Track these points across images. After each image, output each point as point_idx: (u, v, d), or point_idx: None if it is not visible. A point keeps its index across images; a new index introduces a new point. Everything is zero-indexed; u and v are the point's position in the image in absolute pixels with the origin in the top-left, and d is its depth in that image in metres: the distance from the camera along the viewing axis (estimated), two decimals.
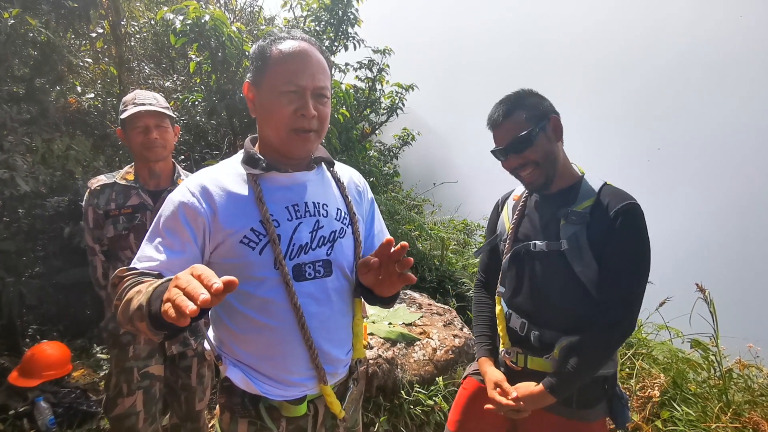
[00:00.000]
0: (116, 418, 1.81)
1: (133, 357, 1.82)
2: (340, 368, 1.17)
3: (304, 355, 1.08)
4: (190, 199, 1.02)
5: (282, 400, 1.09)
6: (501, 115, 1.41)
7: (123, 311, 0.88)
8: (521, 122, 1.38)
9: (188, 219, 1.00)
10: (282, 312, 1.05)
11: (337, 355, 1.14)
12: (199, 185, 1.05)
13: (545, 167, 1.39)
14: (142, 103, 1.79)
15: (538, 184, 1.41)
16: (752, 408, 2.59)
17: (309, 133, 1.07)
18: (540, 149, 1.37)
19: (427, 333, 2.96)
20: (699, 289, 2.96)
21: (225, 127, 4.28)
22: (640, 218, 1.30)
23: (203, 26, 3.27)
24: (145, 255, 0.99)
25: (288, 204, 1.08)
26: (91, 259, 1.88)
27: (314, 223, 1.10)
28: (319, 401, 1.15)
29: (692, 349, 3.21)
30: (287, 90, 1.03)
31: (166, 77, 4.91)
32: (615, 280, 1.30)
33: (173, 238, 0.99)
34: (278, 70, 1.04)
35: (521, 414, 1.37)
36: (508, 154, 1.41)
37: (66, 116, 3.71)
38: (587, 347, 1.31)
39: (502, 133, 1.41)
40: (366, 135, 5.47)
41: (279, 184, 1.10)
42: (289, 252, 1.05)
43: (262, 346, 1.07)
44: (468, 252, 6.43)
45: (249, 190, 1.06)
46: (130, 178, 1.87)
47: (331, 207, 1.15)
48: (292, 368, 1.08)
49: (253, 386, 1.07)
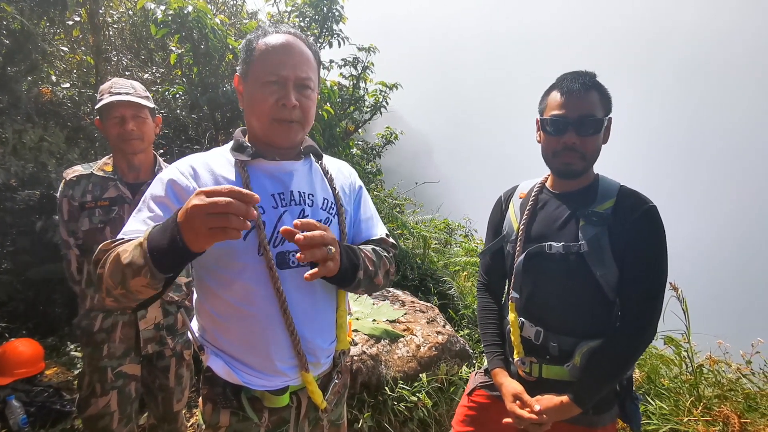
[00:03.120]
0: (89, 419, 1.76)
1: (107, 356, 1.76)
2: (323, 358, 1.16)
3: (286, 342, 1.07)
4: (179, 177, 1.04)
5: (264, 390, 1.09)
6: (584, 85, 1.29)
7: (112, 270, 0.87)
8: (596, 103, 1.29)
9: (177, 195, 1.01)
10: (264, 299, 1.04)
11: (320, 343, 1.14)
12: (189, 166, 1.07)
13: (588, 161, 1.33)
14: (118, 92, 1.72)
15: (573, 171, 1.34)
16: (722, 402, 2.69)
17: (291, 123, 1.09)
18: (597, 142, 1.32)
19: (410, 330, 2.97)
20: (672, 287, 3.05)
21: (207, 121, 4.20)
22: (660, 222, 1.28)
23: (186, 17, 3.20)
24: (132, 228, 0.98)
25: (274, 191, 1.09)
26: (65, 252, 1.81)
27: (299, 212, 1.10)
28: (302, 393, 1.15)
29: (665, 345, 3.31)
30: (269, 80, 1.05)
31: (145, 69, 4.79)
32: (638, 284, 1.26)
33: (163, 211, 0.99)
34: (262, 62, 1.06)
35: (543, 427, 1.28)
36: (572, 127, 1.29)
37: (39, 107, 3.58)
38: (613, 353, 1.26)
39: (576, 103, 1.29)
40: (349, 133, 5.45)
41: (266, 172, 1.11)
42: (274, 239, 1.05)
43: (244, 333, 1.07)
44: (449, 251, 6.49)
45: (236, 175, 1.07)
46: (108, 170, 1.81)
47: (318, 197, 1.15)
48: (273, 356, 1.07)
49: (234, 376, 1.07)
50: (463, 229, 7.86)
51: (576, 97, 1.29)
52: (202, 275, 1.09)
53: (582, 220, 1.31)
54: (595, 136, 1.30)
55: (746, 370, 3.03)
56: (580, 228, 1.30)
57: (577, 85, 1.29)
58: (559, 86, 1.34)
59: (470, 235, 7.70)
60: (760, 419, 2.54)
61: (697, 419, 2.51)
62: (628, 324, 1.28)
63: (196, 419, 2.69)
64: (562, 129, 1.31)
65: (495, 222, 1.60)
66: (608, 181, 1.38)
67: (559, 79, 1.36)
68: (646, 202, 1.29)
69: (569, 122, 1.29)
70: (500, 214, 1.58)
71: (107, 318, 1.77)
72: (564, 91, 1.31)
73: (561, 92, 1.32)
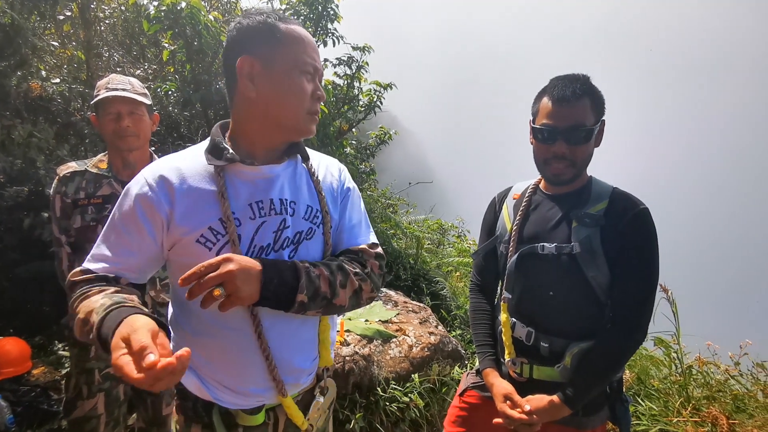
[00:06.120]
0: (76, 421, 1.73)
1: (94, 357, 1.73)
2: (303, 378, 1.08)
3: (261, 366, 1.00)
4: (147, 192, 0.95)
5: (237, 409, 1.02)
6: (574, 93, 1.27)
7: (78, 329, 0.84)
8: (587, 111, 1.28)
9: (145, 214, 0.94)
10: (238, 318, 0.97)
11: (300, 364, 1.05)
12: (157, 175, 0.97)
13: (578, 168, 1.33)
14: (114, 89, 1.70)
15: (563, 180, 1.34)
16: (710, 403, 2.72)
17: (316, 115, 1.04)
18: (588, 150, 1.31)
19: (403, 330, 2.97)
20: (663, 289, 3.07)
21: (199, 119, 4.17)
22: (652, 225, 1.28)
23: (179, 13, 3.18)
24: (100, 254, 0.94)
25: (252, 201, 0.99)
26: (56, 250, 1.78)
27: (280, 222, 1.00)
28: (279, 409, 1.07)
29: (655, 346, 3.35)
30: (306, 70, 0.99)
31: (137, 65, 4.74)
32: (629, 285, 1.26)
33: (129, 236, 0.95)
34: (296, 48, 0.99)
35: (533, 428, 1.27)
36: (562, 137, 1.28)
37: (28, 102, 3.52)
38: (603, 355, 1.26)
39: (566, 113, 1.27)
40: (343, 132, 5.44)
41: (244, 178, 1.00)
42: (250, 253, 0.97)
43: (217, 351, 1.00)
44: (442, 251, 6.50)
45: (211, 183, 0.97)
46: (103, 167, 1.78)
47: (300, 205, 1.05)
48: (247, 379, 1.00)
49: (205, 392, 1.01)
50: (456, 229, 7.90)
51: (567, 106, 1.27)
52: (176, 288, 1.03)
53: (575, 222, 1.31)
54: (586, 144, 1.30)
55: (734, 372, 3.07)
56: (573, 229, 1.30)
57: (568, 93, 1.27)
58: (550, 93, 1.32)
59: (463, 235, 7.73)
60: (748, 420, 2.58)
61: (686, 420, 2.54)
62: (619, 325, 1.28)
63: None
64: (552, 138, 1.30)
65: (489, 222, 1.60)
66: (601, 183, 1.38)
67: (551, 84, 1.34)
68: (638, 204, 1.29)
69: (559, 132, 1.29)
70: (494, 215, 1.58)
71: None
72: (555, 99, 1.29)
73: (552, 100, 1.30)
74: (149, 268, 1.01)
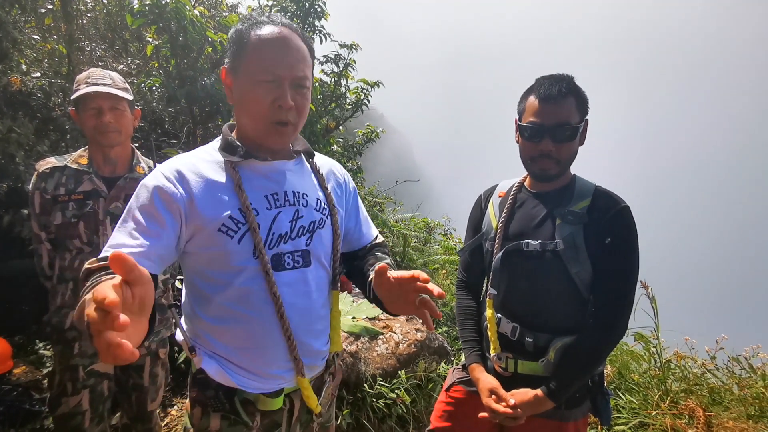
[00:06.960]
0: (61, 418, 1.71)
1: (78, 354, 1.72)
2: (318, 360, 1.14)
3: (282, 347, 1.05)
4: (165, 183, 0.97)
5: (258, 393, 1.06)
6: (560, 91, 1.30)
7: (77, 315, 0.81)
8: (573, 109, 1.31)
9: (164, 204, 0.95)
10: (260, 302, 1.01)
11: (317, 346, 1.12)
12: (174, 170, 1.00)
13: (563, 166, 1.36)
14: (95, 83, 1.66)
15: (549, 175, 1.37)
16: (688, 396, 2.80)
17: (286, 126, 1.02)
18: (572, 148, 1.34)
19: (390, 327, 2.98)
20: (643, 286, 3.15)
21: (184, 115, 4.12)
22: (633, 222, 1.32)
23: (164, 8, 3.13)
24: (117, 242, 0.91)
25: (267, 192, 1.05)
26: (36, 247, 1.75)
27: (294, 213, 1.07)
28: (296, 395, 1.12)
29: (635, 342, 3.42)
30: (264, 79, 0.98)
31: (120, 59, 4.66)
32: (610, 281, 1.30)
33: (149, 223, 0.93)
34: (256, 57, 0.99)
35: (518, 421, 1.31)
36: (548, 135, 1.32)
37: (8, 96, 3.43)
38: (585, 349, 1.30)
39: (552, 111, 1.31)
40: (330, 130, 5.43)
41: (258, 173, 1.06)
42: (269, 241, 1.02)
43: (240, 337, 1.03)
44: (428, 249, 6.54)
45: (227, 177, 1.02)
46: (84, 163, 1.75)
47: (311, 197, 1.12)
48: (270, 360, 1.05)
49: (229, 378, 1.03)
50: (443, 227, 7.95)
51: (553, 104, 1.31)
52: (193, 279, 1.05)
53: (558, 219, 1.34)
54: (571, 142, 1.33)
55: (711, 365, 3.17)
56: (557, 227, 1.33)
57: (554, 92, 1.31)
58: (536, 92, 1.35)
59: (449, 233, 7.78)
60: (723, 412, 2.66)
61: (664, 413, 2.61)
62: (600, 321, 1.31)
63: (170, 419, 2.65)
64: (539, 136, 1.33)
65: (475, 220, 1.62)
66: (584, 181, 1.42)
67: (537, 83, 1.38)
68: (619, 202, 1.33)
69: (545, 130, 1.32)
70: (480, 213, 1.60)
71: None
72: (541, 98, 1.33)
73: (538, 99, 1.34)
74: (167, 257, 0.98)
